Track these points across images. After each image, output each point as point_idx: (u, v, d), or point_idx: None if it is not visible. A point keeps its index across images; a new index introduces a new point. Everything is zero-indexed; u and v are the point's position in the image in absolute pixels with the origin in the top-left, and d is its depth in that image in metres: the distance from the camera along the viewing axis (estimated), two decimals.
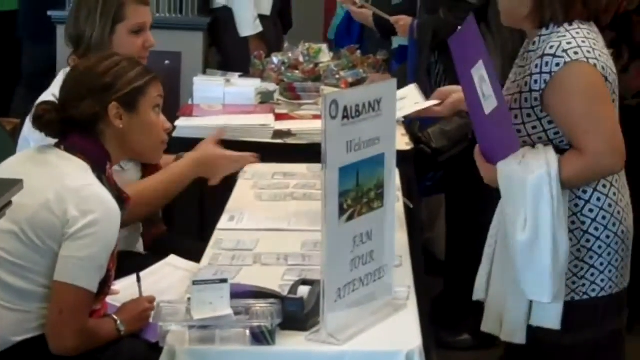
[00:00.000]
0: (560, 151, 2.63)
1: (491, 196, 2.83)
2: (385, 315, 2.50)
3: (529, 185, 2.56)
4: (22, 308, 2.59)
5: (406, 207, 3.45)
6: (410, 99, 3.25)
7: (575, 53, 2.57)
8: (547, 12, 2.64)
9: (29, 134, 3.03)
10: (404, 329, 2.46)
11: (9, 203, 2.24)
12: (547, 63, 2.59)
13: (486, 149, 2.71)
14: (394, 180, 2.54)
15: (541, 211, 2.56)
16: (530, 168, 2.57)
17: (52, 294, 2.57)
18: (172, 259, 3.15)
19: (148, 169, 3.24)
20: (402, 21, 4.49)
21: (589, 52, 2.58)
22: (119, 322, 2.67)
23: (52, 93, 2.86)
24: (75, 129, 2.68)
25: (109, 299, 2.77)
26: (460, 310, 4.34)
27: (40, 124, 2.68)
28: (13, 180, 2.31)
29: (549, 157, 2.59)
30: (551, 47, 2.59)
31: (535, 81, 2.61)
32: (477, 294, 2.84)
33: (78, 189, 2.59)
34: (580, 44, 2.59)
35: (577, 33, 2.61)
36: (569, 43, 2.59)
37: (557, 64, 2.57)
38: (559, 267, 2.59)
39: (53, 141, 2.74)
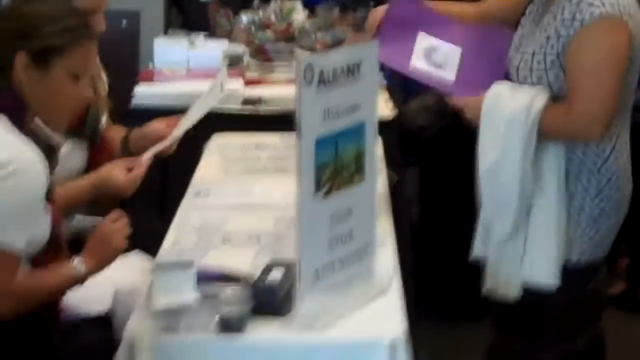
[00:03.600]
0: None
1: (468, 175, 2.90)
2: (367, 300, 2.51)
3: (506, 115, 2.72)
4: None
5: (390, 180, 3.46)
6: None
7: (612, 5, 2.67)
8: None
9: None
10: (387, 315, 2.46)
11: None
12: (581, 11, 2.68)
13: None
14: (375, 151, 2.55)
15: (511, 140, 2.72)
16: (516, 95, 2.74)
17: None
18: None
19: (96, 151, 3.16)
20: None
21: (624, 7, 2.69)
22: (75, 261, 2.53)
23: None
24: None
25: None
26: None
27: None
28: None
29: (538, 94, 2.73)
30: None
31: (566, 27, 2.71)
32: (476, 251, 2.93)
33: None
34: None
35: None
36: None
37: (591, 13, 2.66)
38: (524, 198, 2.74)
39: None
